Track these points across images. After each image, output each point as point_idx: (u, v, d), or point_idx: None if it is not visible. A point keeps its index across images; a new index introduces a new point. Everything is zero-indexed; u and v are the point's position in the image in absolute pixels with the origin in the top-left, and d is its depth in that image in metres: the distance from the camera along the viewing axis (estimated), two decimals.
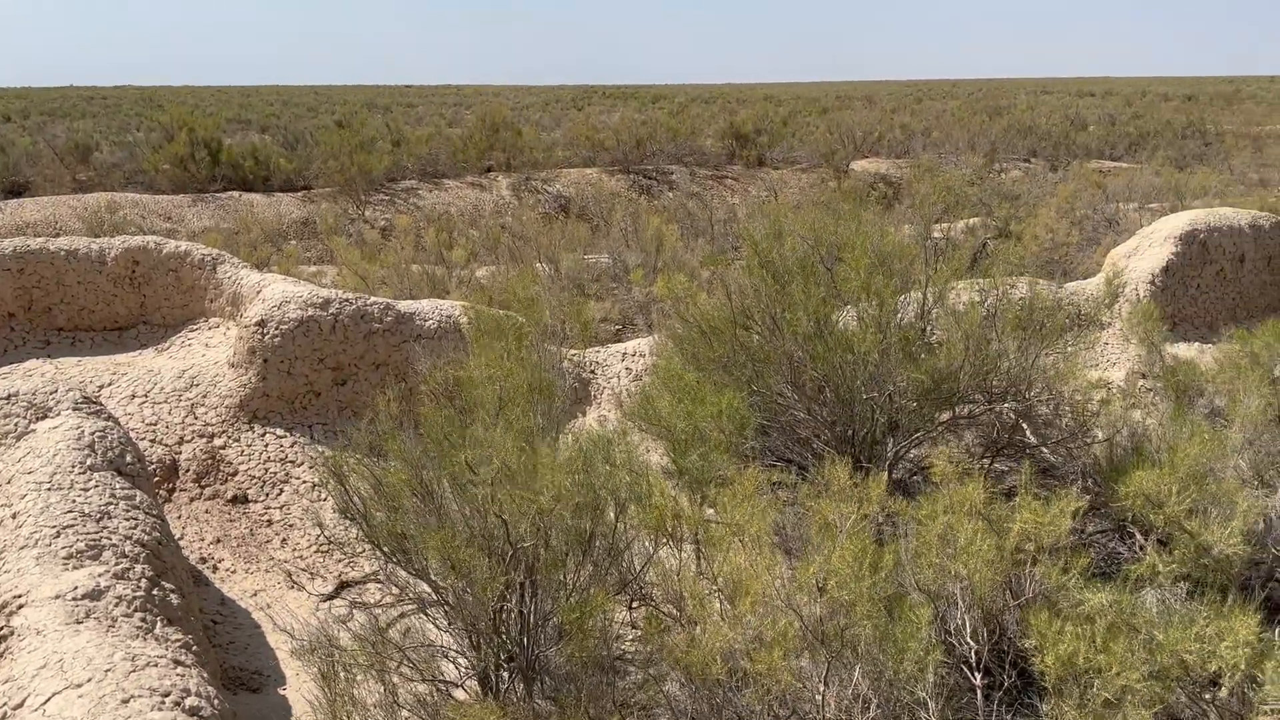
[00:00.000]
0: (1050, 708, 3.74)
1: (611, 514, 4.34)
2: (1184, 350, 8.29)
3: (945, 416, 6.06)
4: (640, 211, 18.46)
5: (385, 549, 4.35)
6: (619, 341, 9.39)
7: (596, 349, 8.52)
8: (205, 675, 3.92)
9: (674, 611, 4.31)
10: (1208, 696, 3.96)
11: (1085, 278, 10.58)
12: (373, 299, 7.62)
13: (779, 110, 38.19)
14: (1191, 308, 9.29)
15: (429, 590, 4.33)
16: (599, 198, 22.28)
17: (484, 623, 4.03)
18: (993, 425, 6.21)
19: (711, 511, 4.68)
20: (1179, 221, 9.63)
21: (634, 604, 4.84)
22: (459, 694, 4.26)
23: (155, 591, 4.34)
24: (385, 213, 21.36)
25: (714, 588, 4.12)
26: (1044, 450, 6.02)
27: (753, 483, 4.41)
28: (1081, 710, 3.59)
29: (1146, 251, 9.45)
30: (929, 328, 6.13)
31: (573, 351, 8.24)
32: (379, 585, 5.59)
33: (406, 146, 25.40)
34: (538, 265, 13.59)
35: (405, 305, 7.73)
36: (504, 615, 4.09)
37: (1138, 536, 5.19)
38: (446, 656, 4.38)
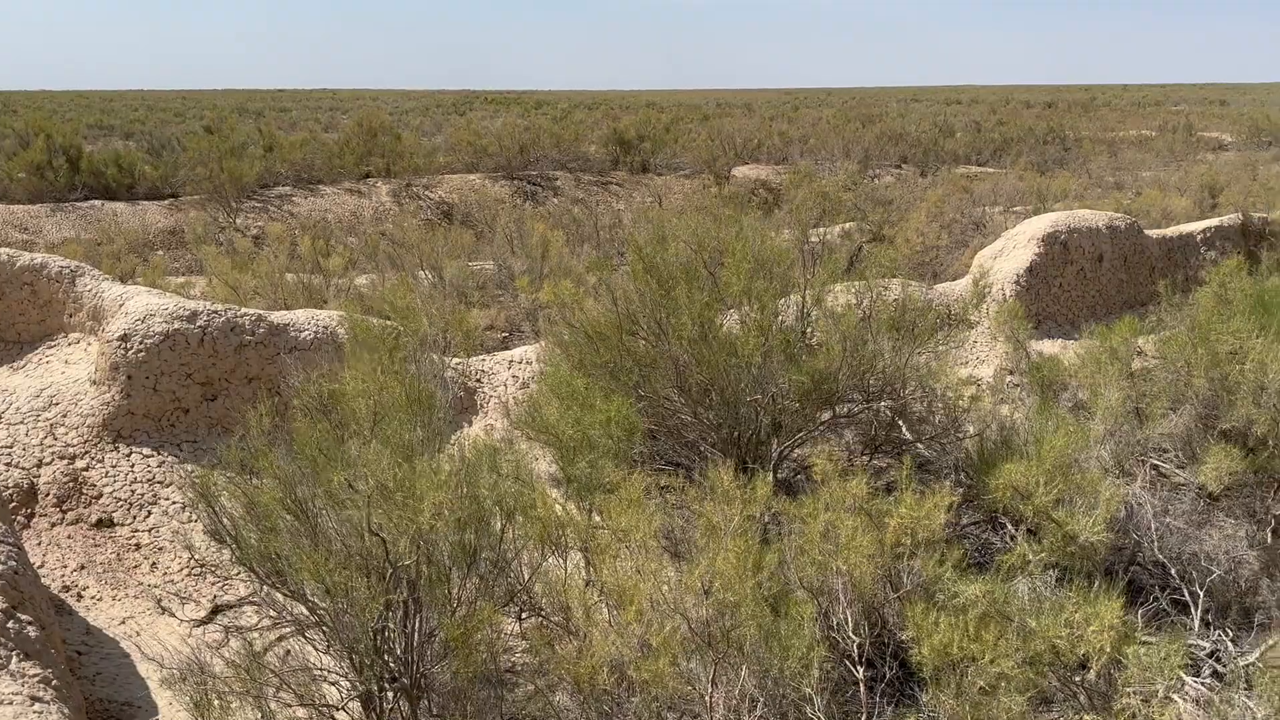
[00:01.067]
0: (929, 698, 3.84)
1: (498, 525, 4.27)
2: (1048, 347, 8.66)
3: (826, 416, 6.19)
4: (525, 218, 18.35)
5: (259, 571, 4.19)
6: (506, 349, 9.28)
7: (483, 357, 8.40)
8: (67, 711, 3.71)
9: (563, 621, 4.27)
10: (1078, 679, 4.13)
11: (955, 279, 10.95)
12: (244, 310, 7.34)
13: (661, 117, 38.55)
14: (1054, 306, 9.72)
15: (307, 612, 4.19)
16: (483, 204, 22.05)
17: (365, 643, 3.91)
18: (871, 423, 6.37)
19: (600, 518, 4.65)
20: (1041, 224, 10.06)
21: (523, 615, 4.78)
22: (341, 718, 4.13)
23: (10, 624, 4.09)
24: (258, 220, 20.68)
25: (600, 597, 4.10)
26: (919, 446, 6.20)
27: (639, 488, 4.41)
28: (959, 698, 3.70)
29: (1011, 253, 9.85)
30: (808, 330, 6.25)
31: (457, 360, 8.10)
32: (256, 608, 5.39)
33: (280, 152, 24.64)
34: (420, 273, 13.35)
35: (279, 316, 7.48)
36: (386, 635, 3.98)
37: (1009, 527, 5.38)
38: (327, 679, 4.24)
